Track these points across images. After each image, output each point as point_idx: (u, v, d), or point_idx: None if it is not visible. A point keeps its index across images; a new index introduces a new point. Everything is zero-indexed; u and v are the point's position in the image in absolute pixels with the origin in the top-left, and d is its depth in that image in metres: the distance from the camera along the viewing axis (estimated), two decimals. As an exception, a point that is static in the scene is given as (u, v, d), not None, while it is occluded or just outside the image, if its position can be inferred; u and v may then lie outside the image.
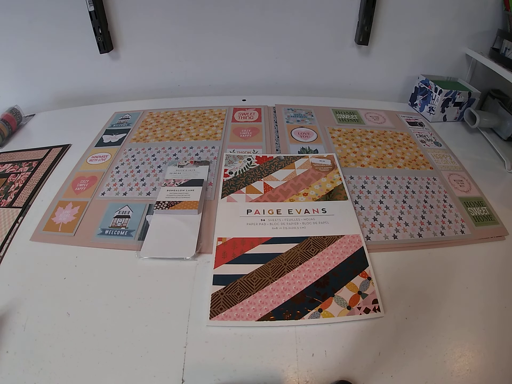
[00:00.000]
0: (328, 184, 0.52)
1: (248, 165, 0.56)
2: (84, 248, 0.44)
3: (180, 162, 0.56)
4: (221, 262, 0.41)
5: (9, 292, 0.40)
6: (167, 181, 0.52)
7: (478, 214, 0.50)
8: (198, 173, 0.54)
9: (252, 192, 0.51)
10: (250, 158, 0.57)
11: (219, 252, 0.42)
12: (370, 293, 0.38)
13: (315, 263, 0.41)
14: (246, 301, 0.37)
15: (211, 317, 0.36)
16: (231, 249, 0.43)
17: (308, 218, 0.47)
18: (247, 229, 0.45)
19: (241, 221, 0.46)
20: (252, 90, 0.82)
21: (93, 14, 0.68)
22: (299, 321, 0.36)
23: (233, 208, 0.48)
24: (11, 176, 0.57)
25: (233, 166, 0.56)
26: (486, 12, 0.70)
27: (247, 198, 0.50)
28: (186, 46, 0.76)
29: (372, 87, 0.82)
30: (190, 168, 0.55)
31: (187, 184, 0.51)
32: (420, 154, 0.61)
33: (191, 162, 0.56)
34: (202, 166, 0.55)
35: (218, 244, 0.43)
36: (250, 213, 0.47)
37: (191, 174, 0.53)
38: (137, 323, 0.36)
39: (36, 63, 0.76)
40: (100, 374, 0.33)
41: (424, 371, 0.33)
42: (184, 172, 0.54)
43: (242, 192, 0.51)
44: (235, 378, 0.32)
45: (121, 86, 0.82)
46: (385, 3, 0.68)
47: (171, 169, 0.55)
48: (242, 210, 0.48)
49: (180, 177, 0.53)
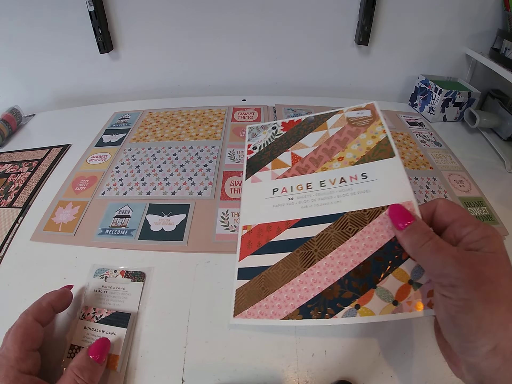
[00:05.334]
0: (369, 140, 0.41)
1: (273, 135, 0.47)
2: (84, 247, 0.44)
3: (108, 272, 0.39)
4: (246, 253, 0.37)
5: (9, 292, 0.40)
6: (86, 309, 0.36)
7: (478, 214, 0.50)
8: (129, 295, 0.38)
9: (278, 166, 0.43)
10: (275, 126, 0.48)
11: (244, 242, 0.38)
12: (425, 282, 0.28)
13: (353, 246, 0.33)
14: (271, 297, 0.33)
15: (235, 315, 0.33)
16: (256, 237, 0.37)
17: (345, 188, 0.37)
18: (274, 212, 0.39)
19: (267, 204, 0.40)
20: (252, 90, 0.82)
21: (93, 14, 0.68)
22: (330, 320, 0.30)
23: (258, 190, 0.42)
24: (11, 176, 0.57)
25: (257, 140, 0.47)
26: (486, 12, 0.70)
27: (272, 175, 0.43)
28: (186, 46, 0.76)
29: (372, 87, 0.82)
30: (118, 285, 0.38)
31: (110, 320, 0.35)
32: (420, 154, 0.61)
33: (121, 273, 0.39)
34: (134, 283, 0.39)
35: (243, 234, 0.38)
36: (277, 193, 0.40)
37: (118, 297, 0.37)
38: (137, 323, 0.36)
39: (36, 63, 0.76)
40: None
41: (424, 371, 0.33)
42: (111, 291, 0.38)
43: (268, 168, 0.44)
44: (235, 378, 0.32)
45: (121, 86, 0.82)
46: (385, 3, 0.69)
47: (95, 283, 0.39)
48: (268, 190, 0.41)
49: (103, 304, 0.37)
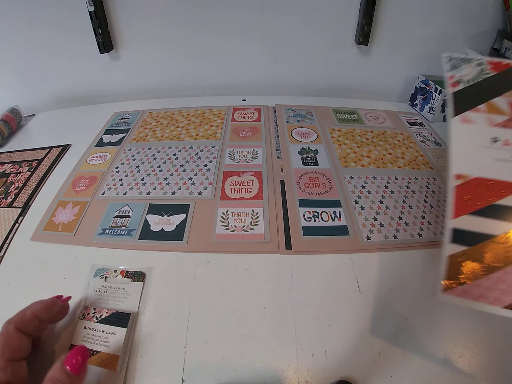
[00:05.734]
0: None
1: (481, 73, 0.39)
2: (84, 247, 0.44)
3: (108, 272, 0.40)
4: (462, 211, 0.29)
5: (9, 292, 0.40)
6: (86, 309, 0.36)
7: (478, 214, 0.50)
8: (129, 295, 0.38)
9: (494, 111, 0.36)
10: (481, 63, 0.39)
11: (459, 196, 0.29)
12: None
13: None
14: (495, 276, 0.26)
15: (446, 290, 0.27)
16: (474, 193, 0.30)
17: None
18: (495, 167, 0.31)
19: (484, 154, 0.32)
20: (252, 90, 0.82)
21: (93, 14, 0.68)
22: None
23: (470, 133, 0.34)
24: (11, 176, 0.57)
25: (461, 73, 0.39)
26: (486, 12, 0.70)
27: (489, 121, 0.35)
28: (186, 46, 0.76)
29: (372, 87, 0.82)
30: (118, 285, 0.39)
31: (110, 320, 0.35)
32: (420, 154, 0.61)
33: (121, 273, 0.39)
34: (134, 283, 0.39)
35: (457, 184, 0.30)
36: (497, 144, 0.33)
37: (118, 297, 0.37)
38: (137, 323, 0.36)
39: (36, 63, 0.76)
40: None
41: (424, 371, 0.33)
42: (111, 291, 0.38)
43: (481, 110, 0.36)
44: (235, 378, 0.32)
45: (121, 86, 0.82)
46: (385, 3, 0.68)
47: (95, 283, 0.39)
48: (484, 137, 0.33)
49: (103, 304, 0.37)
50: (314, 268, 0.42)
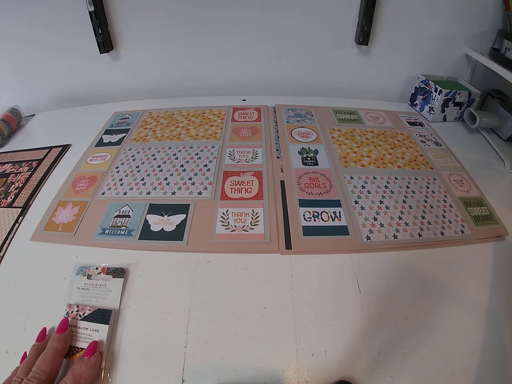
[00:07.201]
0: None
1: None
2: (84, 247, 0.44)
3: (90, 270, 0.40)
4: None
5: (9, 292, 0.40)
6: (70, 307, 0.36)
7: (478, 214, 0.50)
8: (110, 291, 0.38)
9: None
10: None
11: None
12: None
13: None
14: None
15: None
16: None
17: None
18: None
19: None
20: (252, 90, 0.82)
21: (93, 14, 0.68)
22: None
23: None
24: (11, 176, 0.57)
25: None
26: (486, 12, 0.70)
27: None
28: (186, 46, 0.76)
29: (372, 87, 0.82)
30: (100, 282, 0.39)
31: (93, 318, 0.36)
32: (420, 154, 0.61)
33: (102, 270, 0.40)
34: (115, 279, 0.39)
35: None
36: None
37: (101, 294, 0.38)
38: (137, 323, 0.36)
39: (36, 63, 0.76)
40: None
41: (424, 371, 0.33)
42: (93, 289, 0.38)
43: None
44: (235, 378, 0.32)
45: (121, 86, 0.82)
46: (385, 3, 0.69)
47: (78, 281, 0.39)
48: None
49: (86, 301, 0.37)
50: (314, 268, 0.42)
